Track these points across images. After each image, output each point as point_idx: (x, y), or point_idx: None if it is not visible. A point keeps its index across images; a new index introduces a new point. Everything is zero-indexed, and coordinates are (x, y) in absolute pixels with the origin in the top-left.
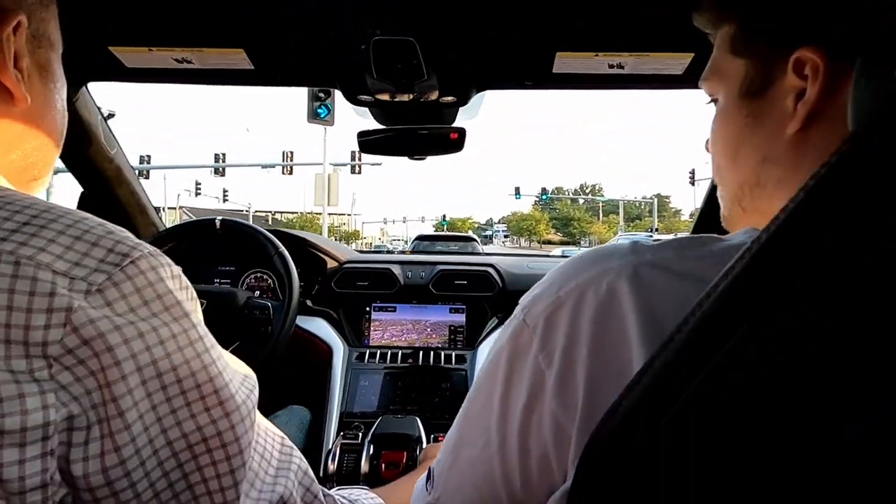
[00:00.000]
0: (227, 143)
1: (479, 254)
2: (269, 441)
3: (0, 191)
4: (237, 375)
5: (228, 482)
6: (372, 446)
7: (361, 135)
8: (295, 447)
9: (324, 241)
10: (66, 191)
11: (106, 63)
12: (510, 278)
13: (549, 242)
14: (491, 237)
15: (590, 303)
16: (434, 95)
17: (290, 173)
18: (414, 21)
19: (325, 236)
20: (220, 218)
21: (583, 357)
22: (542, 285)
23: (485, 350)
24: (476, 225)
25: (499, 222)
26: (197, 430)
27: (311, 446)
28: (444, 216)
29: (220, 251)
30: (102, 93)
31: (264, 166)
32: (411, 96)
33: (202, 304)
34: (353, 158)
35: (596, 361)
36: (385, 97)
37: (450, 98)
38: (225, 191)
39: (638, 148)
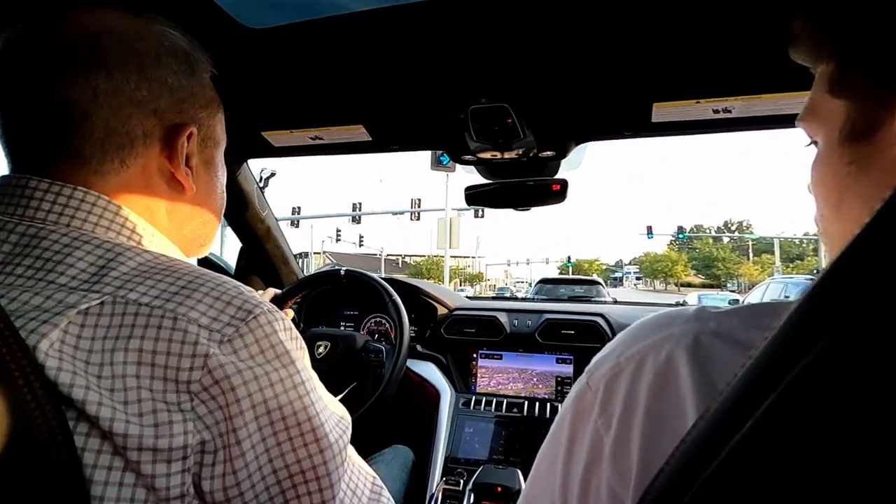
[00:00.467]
0: (363, 193)
1: (597, 301)
2: (361, 479)
3: (171, 261)
4: (333, 416)
5: None
6: (473, 495)
7: (469, 189)
8: (384, 487)
9: (435, 289)
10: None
11: (260, 144)
12: (620, 330)
13: (689, 285)
14: (621, 279)
15: (648, 370)
16: (533, 151)
17: (418, 219)
18: (505, 90)
19: (447, 278)
20: (344, 268)
21: (638, 426)
22: (609, 347)
23: None
24: (604, 267)
25: (629, 264)
26: (296, 462)
27: (413, 487)
28: (569, 258)
29: (346, 297)
30: (264, 160)
31: (394, 213)
32: (511, 153)
33: (326, 346)
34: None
35: (651, 431)
36: (486, 156)
37: (549, 152)
38: (361, 237)
39: (795, 179)
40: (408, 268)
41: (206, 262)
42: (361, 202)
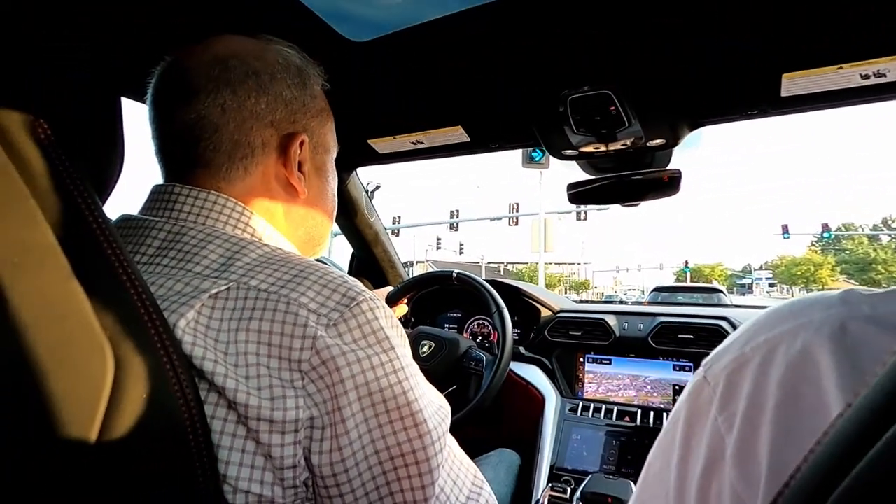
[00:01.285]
0: (460, 200)
1: (721, 305)
2: (462, 470)
3: (286, 253)
4: (432, 404)
5: (420, 496)
6: None
7: (571, 187)
8: (486, 482)
9: (538, 291)
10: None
11: (366, 152)
12: None
13: None
14: (750, 286)
15: (779, 362)
16: (640, 140)
17: (516, 224)
18: (607, 74)
19: (542, 285)
20: (456, 271)
21: (767, 424)
22: (731, 338)
23: None
24: (729, 273)
25: (761, 268)
26: (396, 445)
27: (519, 492)
28: (686, 263)
29: (453, 299)
30: (371, 173)
31: (492, 219)
32: (615, 144)
33: (430, 346)
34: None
35: (782, 431)
36: (589, 149)
37: (658, 141)
38: (461, 244)
39: None
40: (509, 275)
41: None
42: (459, 209)
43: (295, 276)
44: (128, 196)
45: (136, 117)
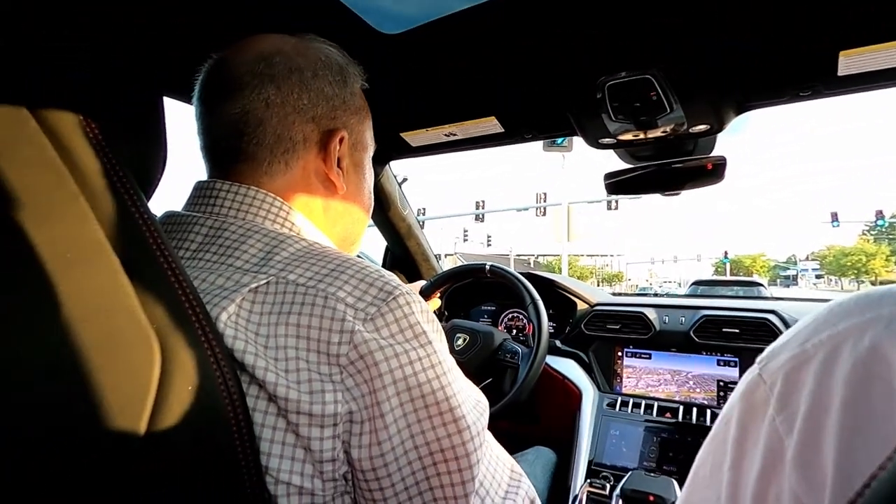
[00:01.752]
0: (486, 191)
1: (762, 298)
2: (500, 464)
3: (323, 248)
4: (470, 399)
5: (460, 492)
6: (621, 501)
7: (608, 177)
8: (524, 475)
9: (574, 283)
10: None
11: (399, 145)
12: None
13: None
14: (795, 278)
15: (845, 360)
16: (682, 127)
17: (544, 214)
18: (648, 58)
19: (565, 275)
20: (489, 263)
21: (832, 427)
22: (789, 334)
23: None
24: (772, 264)
25: (807, 259)
26: (436, 441)
27: (556, 489)
28: (726, 253)
29: (486, 291)
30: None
31: (518, 210)
32: (655, 131)
33: (464, 339)
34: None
35: (850, 433)
36: (627, 137)
37: (701, 126)
38: (489, 236)
39: None
40: (539, 267)
41: None
42: (485, 200)
43: (332, 271)
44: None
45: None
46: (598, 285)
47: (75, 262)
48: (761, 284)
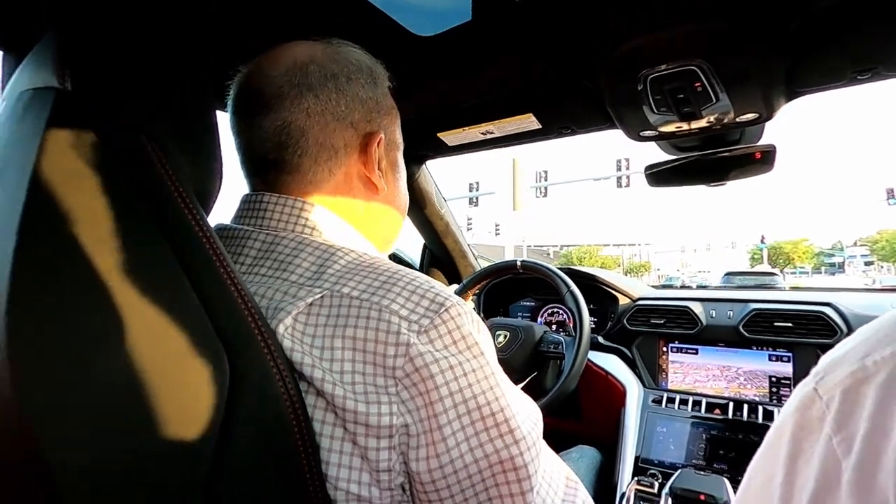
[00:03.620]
0: (480, 173)
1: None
2: (556, 473)
3: (373, 259)
4: (523, 408)
5: (519, 502)
6: (670, 500)
7: (648, 168)
8: (580, 482)
9: (615, 277)
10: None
11: (436, 145)
12: (859, 322)
13: None
14: (841, 265)
15: None
16: (729, 116)
17: (545, 195)
18: (694, 48)
19: (524, 256)
20: (521, 259)
21: (893, 451)
22: (847, 345)
23: None
24: (816, 251)
25: (855, 244)
26: (495, 453)
27: (602, 488)
28: (763, 238)
29: (522, 288)
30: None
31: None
32: (699, 122)
33: (504, 336)
34: (618, 168)
35: None
36: (669, 128)
37: (750, 115)
38: (497, 225)
39: None
40: (558, 257)
41: (393, 258)
42: (479, 181)
43: (384, 283)
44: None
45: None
46: (626, 276)
47: (148, 281)
48: (774, 274)
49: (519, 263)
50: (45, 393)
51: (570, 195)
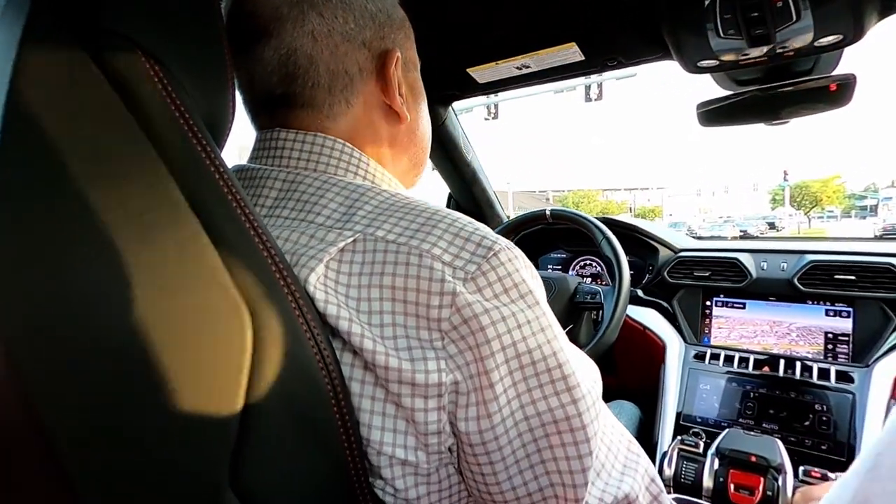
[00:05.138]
0: None
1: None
2: (617, 437)
3: (407, 199)
4: (582, 365)
5: (576, 466)
6: (717, 461)
7: (701, 106)
8: (643, 451)
9: (656, 228)
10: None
11: (465, 83)
12: None
13: None
14: (874, 209)
15: None
16: (806, 40)
17: (495, 117)
18: None
19: (511, 207)
20: (549, 208)
21: None
22: None
23: (884, 371)
24: (846, 192)
25: (893, 185)
26: (549, 411)
27: (642, 445)
28: (785, 175)
29: (551, 240)
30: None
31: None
32: (765, 48)
33: None
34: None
35: None
36: (731, 57)
37: (831, 38)
38: None
39: None
40: (554, 203)
41: None
42: None
43: (423, 225)
44: None
45: None
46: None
47: (153, 226)
48: None
49: (548, 212)
50: (34, 351)
51: (578, 139)
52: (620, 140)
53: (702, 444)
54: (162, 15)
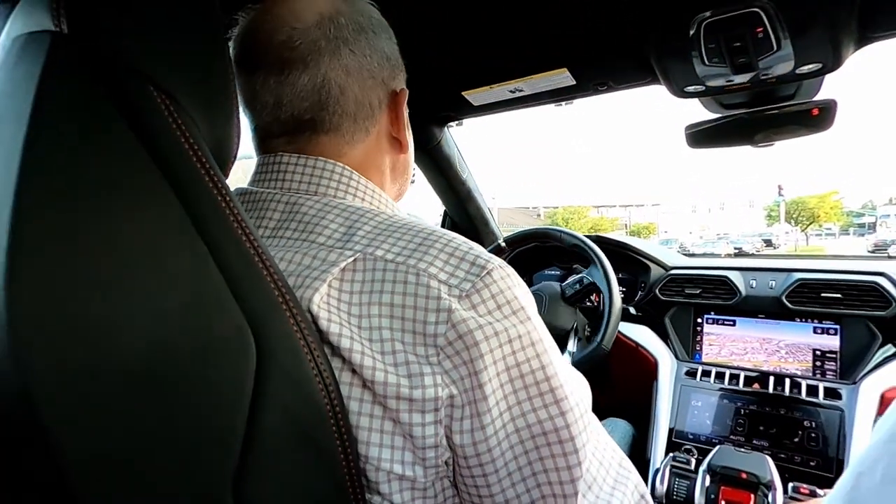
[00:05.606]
0: None
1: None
2: (609, 453)
3: (404, 220)
4: (571, 379)
5: (566, 477)
6: (708, 477)
7: (689, 128)
8: (634, 468)
9: (647, 246)
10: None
11: (460, 105)
12: None
13: None
14: (872, 226)
15: None
16: (787, 67)
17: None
18: None
19: (497, 219)
20: (547, 227)
21: None
22: None
23: (871, 387)
24: (844, 210)
25: (890, 202)
26: (538, 423)
27: (635, 463)
28: (780, 190)
29: (545, 257)
30: None
31: None
32: (748, 75)
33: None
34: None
35: None
36: (718, 82)
37: (811, 66)
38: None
39: None
40: (539, 221)
41: None
42: None
43: (420, 245)
44: None
45: None
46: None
47: (164, 251)
48: None
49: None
50: (47, 362)
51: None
52: (608, 148)
53: (693, 461)
54: (174, 51)
